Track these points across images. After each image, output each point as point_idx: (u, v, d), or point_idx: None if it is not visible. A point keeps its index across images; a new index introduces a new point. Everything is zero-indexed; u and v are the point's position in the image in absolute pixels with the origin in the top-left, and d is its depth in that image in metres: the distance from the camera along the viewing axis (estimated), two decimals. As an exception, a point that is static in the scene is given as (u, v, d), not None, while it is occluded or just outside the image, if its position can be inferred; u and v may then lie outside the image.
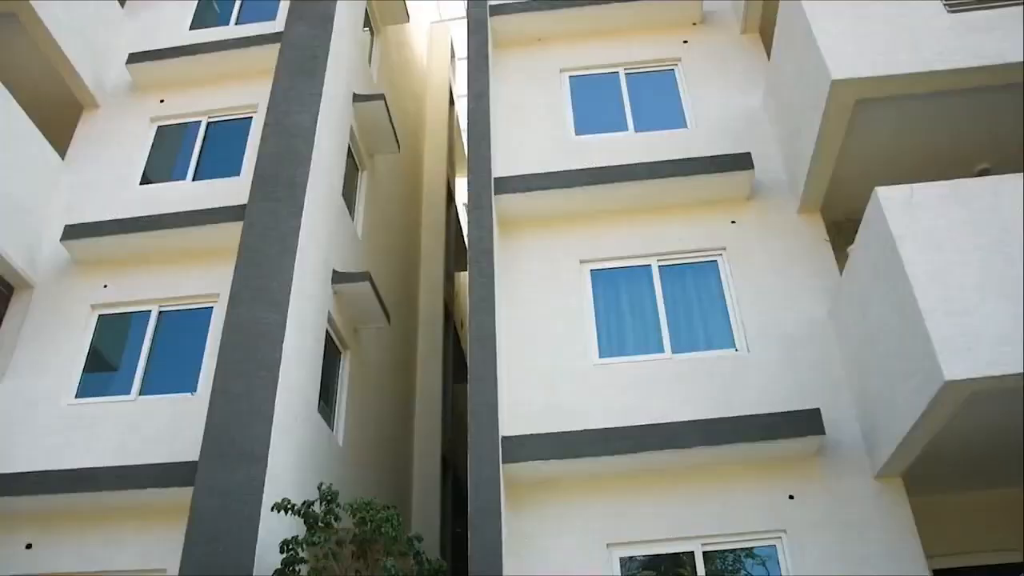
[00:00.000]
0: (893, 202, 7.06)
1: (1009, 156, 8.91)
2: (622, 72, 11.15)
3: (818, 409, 7.57)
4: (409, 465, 12.97)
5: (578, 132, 10.54)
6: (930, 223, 6.90)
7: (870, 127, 8.55)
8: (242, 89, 11.22)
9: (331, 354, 9.75)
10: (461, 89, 19.81)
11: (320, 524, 6.93)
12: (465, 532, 7.32)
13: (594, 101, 10.89)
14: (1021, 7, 8.55)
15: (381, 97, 11.85)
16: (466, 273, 9.14)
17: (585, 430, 7.71)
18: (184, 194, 10.22)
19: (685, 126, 10.44)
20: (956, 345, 6.21)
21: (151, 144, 11.03)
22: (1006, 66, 8.05)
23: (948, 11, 8.56)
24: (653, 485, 7.68)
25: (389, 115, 11.99)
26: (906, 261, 6.70)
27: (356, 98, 11.63)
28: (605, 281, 9.20)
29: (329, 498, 7.07)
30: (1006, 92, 8.35)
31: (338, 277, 9.81)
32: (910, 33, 8.32)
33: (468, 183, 9.47)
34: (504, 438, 7.69)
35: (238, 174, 10.31)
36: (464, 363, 9.80)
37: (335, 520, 7.01)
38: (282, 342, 8.00)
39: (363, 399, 10.68)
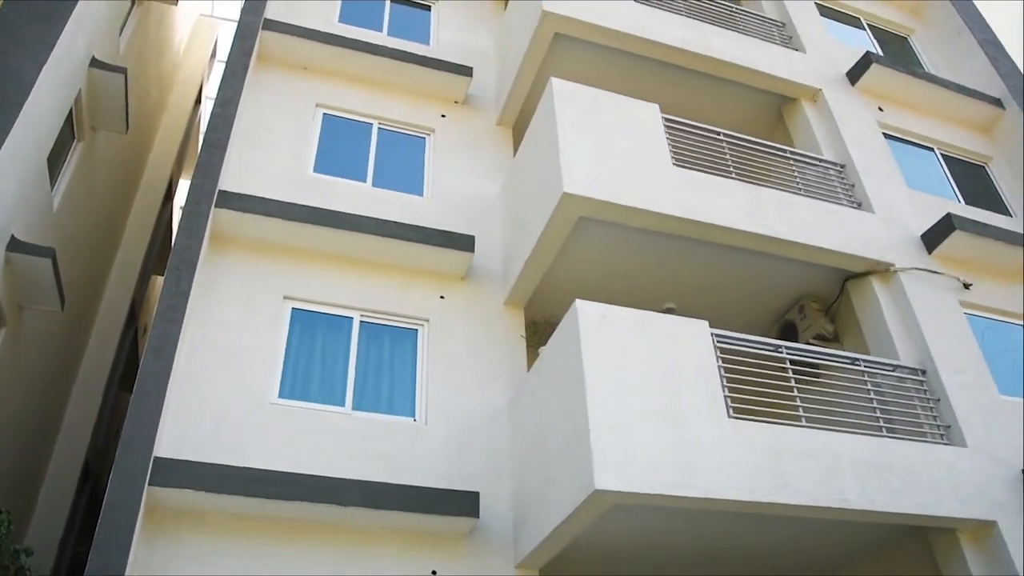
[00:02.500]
0: (588, 317, 7.57)
1: (692, 301, 9.96)
2: (376, 125, 11.25)
3: (477, 493, 7.80)
4: (43, 468, 11.72)
5: (316, 170, 10.41)
6: (615, 344, 7.46)
7: (586, 244, 9.21)
8: (-41, 14, 9.97)
9: (-17, 327, 8.70)
10: (212, 91, 19.00)
11: (-90, 516, 6.02)
12: (87, 554, 6.67)
13: (341, 144, 10.85)
14: (732, 179, 9.73)
15: (123, 71, 11.02)
16: (163, 278, 8.57)
17: (246, 468, 7.38)
18: None
19: (421, 194, 10.67)
20: (612, 459, 6.71)
21: None
22: (705, 224, 9.06)
23: (674, 164, 9.53)
24: (303, 536, 7.48)
25: (127, 93, 11.17)
26: (587, 373, 7.15)
27: (94, 63, 10.73)
28: (304, 322, 9.03)
29: (-69, 487, 6.18)
30: (702, 246, 9.39)
31: (17, 245, 8.80)
32: (641, 173, 9.10)
33: (190, 188, 8.99)
34: (157, 459, 7.18)
35: (-73, 103, 9.07)
36: (137, 371, 9.06)
37: (-69, 515, 6.13)
38: (-75, 301, 7.02)
39: (8, 385, 9.58)
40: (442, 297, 9.65)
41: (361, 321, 9.24)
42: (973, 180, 12.63)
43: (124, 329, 14.02)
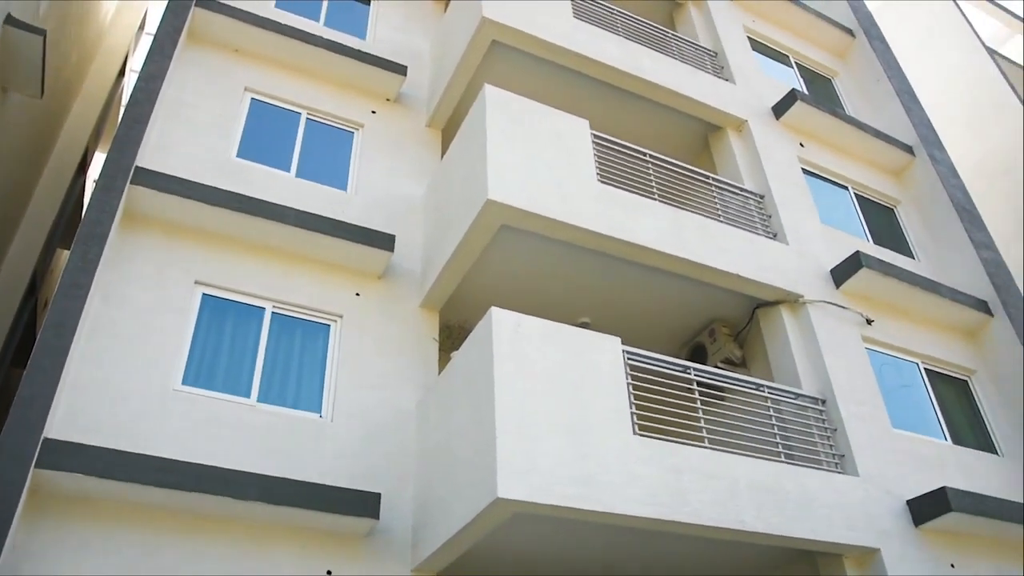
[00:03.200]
0: (503, 325, 7.56)
1: (606, 317, 10.08)
2: (305, 115, 11.07)
3: (379, 494, 7.70)
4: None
5: (240, 155, 10.17)
6: (528, 354, 7.47)
7: (505, 252, 9.23)
8: None
9: None
10: (137, 65, 18.45)
11: None
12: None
13: (267, 131, 10.63)
14: (655, 200, 9.88)
15: (42, 34, 10.58)
16: (69, 252, 8.25)
17: (142, 454, 7.11)
18: None
19: (345, 189, 10.53)
20: (516, 467, 6.71)
21: None
22: (625, 242, 9.17)
23: (599, 180, 9.62)
24: (196, 529, 7.26)
25: (44, 56, 10.73)
26: (497, 381, 7.14)
27: (11, 21, 10.28)
28: (214, 309, 8.81)
29: None
30: (621, 263, 9.51)
31: (-88, 206, 8.41)
32: (566, 187, 9.13)
33: (106, 161, 8.68)
34: (47, 439, 6.87)
35: None
36: (32, 347, 8.66)
37: None
38: None
39: None
40: (357, 294, 9.54)
41: (273, 312, 9.06)
42: (882, 221, 13.15)
43: (23, 302, 13.45)
